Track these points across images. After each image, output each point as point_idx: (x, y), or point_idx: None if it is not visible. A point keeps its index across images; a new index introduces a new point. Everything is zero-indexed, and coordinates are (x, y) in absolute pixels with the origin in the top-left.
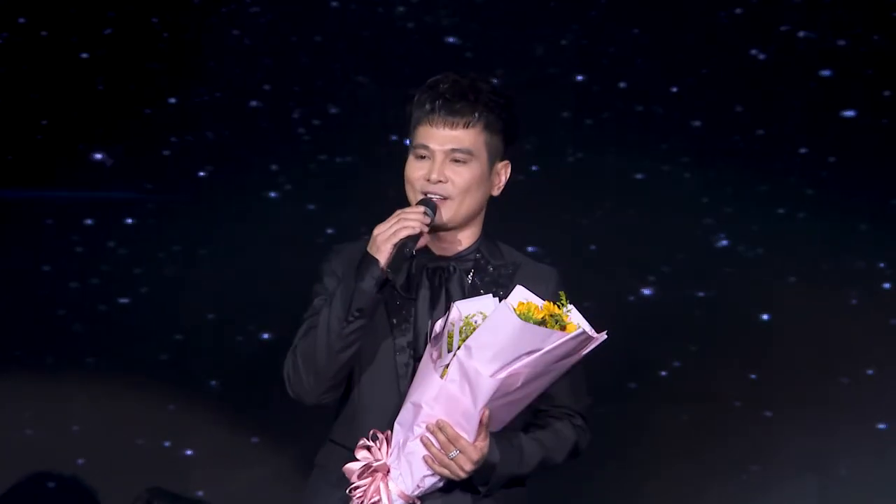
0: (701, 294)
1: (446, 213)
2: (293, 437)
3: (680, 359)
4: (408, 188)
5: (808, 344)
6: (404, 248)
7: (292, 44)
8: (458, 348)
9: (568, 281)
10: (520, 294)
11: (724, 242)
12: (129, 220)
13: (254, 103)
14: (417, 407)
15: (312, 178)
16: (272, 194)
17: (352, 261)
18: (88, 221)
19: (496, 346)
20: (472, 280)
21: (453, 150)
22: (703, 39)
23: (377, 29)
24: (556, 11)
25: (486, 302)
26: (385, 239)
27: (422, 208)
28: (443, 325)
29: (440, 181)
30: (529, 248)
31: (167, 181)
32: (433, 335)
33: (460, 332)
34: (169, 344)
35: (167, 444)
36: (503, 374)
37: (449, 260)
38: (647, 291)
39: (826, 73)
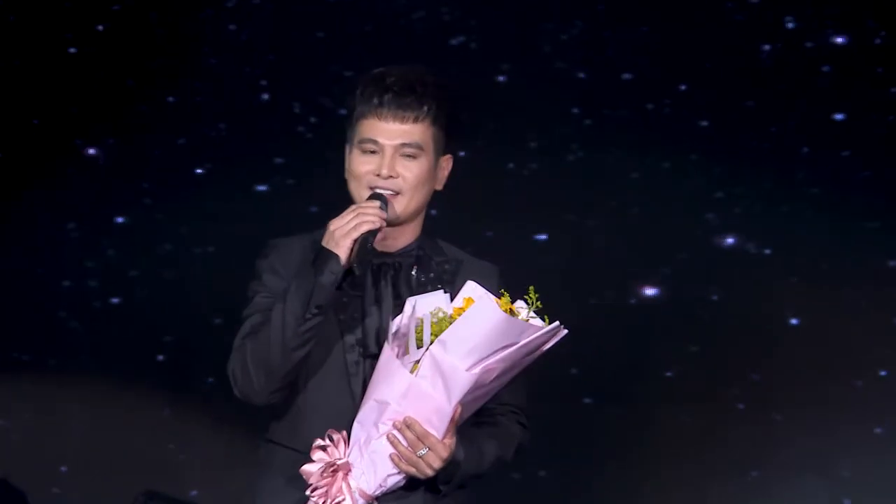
0: (706, 294)
1: (398, 208)
2: None
3: (683, 359)
4: (353, 183)
5: (815, 345)
6: (366, 243)
7: (292, 39)
8: (431, 343)
9: (572, 280)
10: (471, 289)
11: (730, 241)
12: (122, 219)
13: (255, 99)
14: (383, 405)
15: (313, 176)
16: (271, 191)
17: (291, 257)
18: (84, 219)
19: (474, 339)
20: (417, 276)
21: (403, 145)
22: (711, 35)
23: (379, 24)
24: (560, 6)
25: (439, 298)
26: (344, 234)
27: (377, 203)
28: (401, 321)
29: (391, 176)
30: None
31: (164, 179)
32: (392, 332)
33: (432, 327)
34: (167, 344)
35: (167, 446)
36: (478, 369)
37: (392, 256)
38: (650, 291)
39: (830, 69)
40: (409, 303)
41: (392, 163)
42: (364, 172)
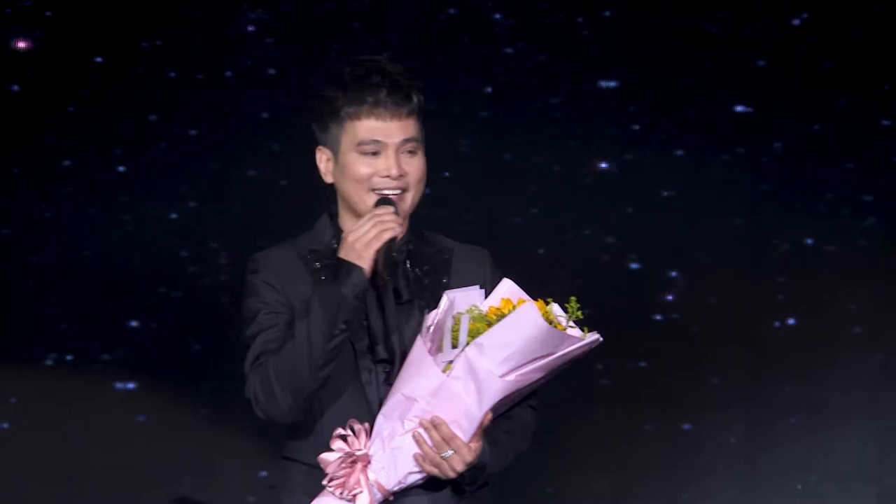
0: (750, 302)
1: (404, 207)
2: None
3: (728, 367)
4: (353, 187)
5: (866, 351)
6: (391, 252)
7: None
8: (467, 344)
9: (614, 284)
10: (508, 288)
11: (779, 246)
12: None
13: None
14: (411, 400)
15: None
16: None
17: (282, 269)
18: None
19: (513, 346)
20: (412, 271)
21: (405, 142)
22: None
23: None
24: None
25: (474, 294)
26: (366, 244)
27: (391, 208)
28: (436, 316)
29: (401, 175)
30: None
31: (197, 183)
32: (426, 325)
33: (470, 329)
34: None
35: (202, 450)
36: (513, 377)
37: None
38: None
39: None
40: (447, 297)
41: (399, 161)
42: (368, 174)
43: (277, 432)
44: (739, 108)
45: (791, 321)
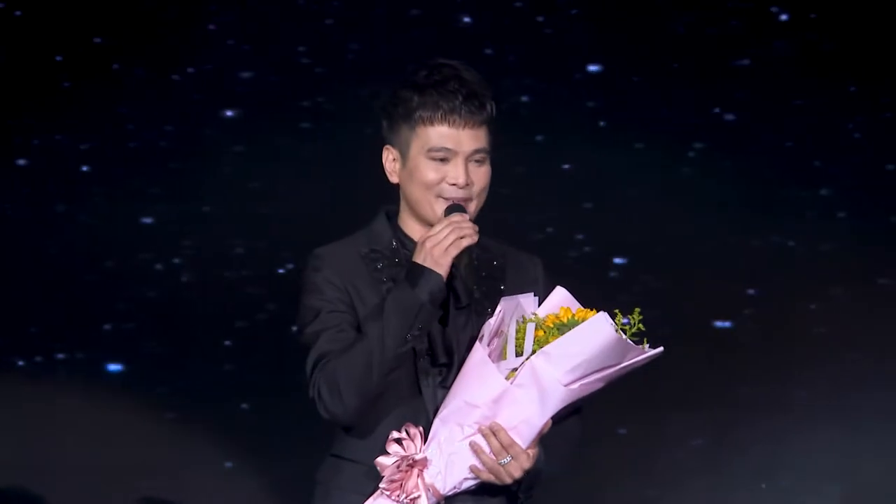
0: (715, 299)
1: (469, 215)
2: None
3: (694, 368)
4: (422, 192)
5: (835, 348)
6: (471, 259)
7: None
8: (533, 353)
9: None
10: (562, 296)
11: (753, 241)
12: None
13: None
14: (472, 407)
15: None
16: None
17: (342, 267)
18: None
19: (582, 356)
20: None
21: (475, 152)
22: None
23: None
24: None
25: (529, 301)
26: (444, 251)
27: (465, 215)
28: (496, 323)
29: (467, 184)
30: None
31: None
32: (486, 332)
33: (536, 338)
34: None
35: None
36: (576, 385)
37: None
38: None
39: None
40: (503, 303)
41: (467, 170)
42: (435, 181)
43: (328, 429)
44: (706, 107)
45: (758, 320)
